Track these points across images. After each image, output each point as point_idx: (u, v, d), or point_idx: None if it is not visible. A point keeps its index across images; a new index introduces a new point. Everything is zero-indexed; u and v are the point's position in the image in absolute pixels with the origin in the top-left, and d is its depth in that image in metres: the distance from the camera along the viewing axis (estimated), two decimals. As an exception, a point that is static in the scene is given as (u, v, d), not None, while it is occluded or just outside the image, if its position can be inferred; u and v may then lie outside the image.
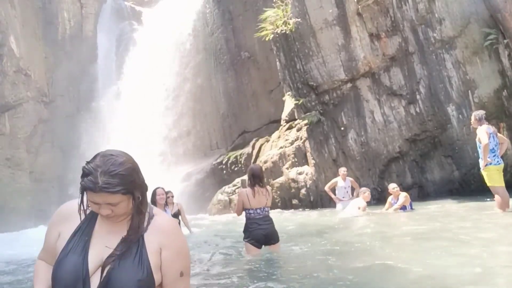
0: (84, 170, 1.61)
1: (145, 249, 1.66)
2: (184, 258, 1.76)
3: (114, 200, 1.60)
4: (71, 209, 1.77)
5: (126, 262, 1.62)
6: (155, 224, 1.73)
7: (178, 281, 1.72)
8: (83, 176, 1.61)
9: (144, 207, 1.72)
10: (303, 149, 12.80)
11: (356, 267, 4.61)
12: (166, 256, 1.69)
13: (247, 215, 5.59)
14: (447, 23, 10.66)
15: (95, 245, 1.67)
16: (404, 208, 9.10)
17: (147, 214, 1.74)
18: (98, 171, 1.58)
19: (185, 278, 1.75)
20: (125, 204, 1.64)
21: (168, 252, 1.69)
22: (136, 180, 1.66)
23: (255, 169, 5.86)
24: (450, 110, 10.79)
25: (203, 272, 5.19)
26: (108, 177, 1.57)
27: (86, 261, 1.63)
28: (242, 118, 18.01)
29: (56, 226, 1.78)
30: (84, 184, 1.60)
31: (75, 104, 22.56)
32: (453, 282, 3.74)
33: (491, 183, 7.27)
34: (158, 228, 1.73)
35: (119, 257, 1.62)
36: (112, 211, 1.62)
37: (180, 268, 1.72)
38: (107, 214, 1.62)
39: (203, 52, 19.48)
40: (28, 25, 20.44)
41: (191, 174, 17.43)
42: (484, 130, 7.27)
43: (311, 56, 12.27)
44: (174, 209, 8.56)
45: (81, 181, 1.60)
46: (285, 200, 12.54)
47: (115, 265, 1.61)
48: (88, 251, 1.65)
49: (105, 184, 1.56)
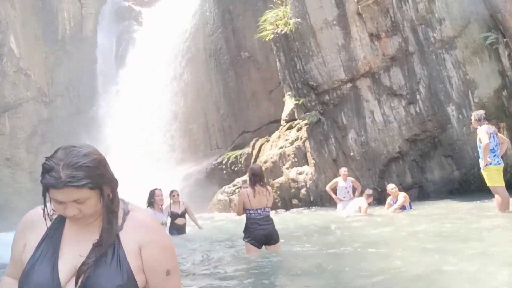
0: (44, 167, 1.43)
1: (122, 251, 1.48)
2: (169, 255, 1.56)
3: (81, 195, 1.41)
4: (37, 216, 1.58)
5: (102, 268, 1.45)
6: (132, 221, 1.54)
7: (165, 281, 1.53)
8: (43, 173, 1.43)
9: (116, 206, 1.53)
10: (303, 149, 12.79)
11: (356, 268, 4.61)
12: (147, 255, 1.51)
13: (247, 215, 5.59)
14: (447, 23, 10.66)
15: (65, 252, 1.49)
16: (404, 208, 9.11)
17: (122, 211, 1.56)
18: (60, 165, 1.40)
19: (173, 277, 1.56)
20: (93, 201, 1.45)
21: (149, 250, 1.51)
22: (104, 173, 1.48)
23: (255, 168, 5.88)
24: (450, 110, 10.79)
25: (203, 272, 5.19)
26: (71, 170, 1.39)
27: (56, 271, 1.45)
28: (242, 118, 18.01)
29: (21, 236, 1.58)
30: (46, 182, 1.42)
31: (75, 104, 22.56)
32: (453, 283, 3.74)
33: (491, 183, 7.26)
34: (135, 225, 1.54)
35: (94, 264, 1.44)
36: (79, 211, 1.44)
37: (165, 266, 1.53)
38: (74, 214, 1.43)
39: (203, 52, 19.48)
40: (28, 25, 20.44)
41: (191, 174, 17.42)
42: (484, 130, 7.26)
43: (311, 56, 12.27)
44: (181, 208, 8.78)
45: (42, 179, 1.43)
46: (285, 200, 12.53)
47: (90, 273, 1.43)
48: (58, 260, 1.47)
49: (69, 178, 1.38)
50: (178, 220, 8.73)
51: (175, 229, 8.70)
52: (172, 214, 8.71)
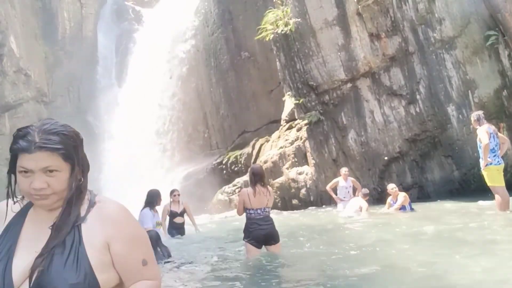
0: (17, 134, 1.36)
1: (82, 246, 1.35)
2: (141, 245, 1.46)
3: (53, 163, 1.32)
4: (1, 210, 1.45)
5: (56, 263, 1.31)
6: (97, 213, 1.43)
7: (142, 271, 1.43)
8: (15, 139, 1.34)
9: (83, 192, 1.43)
10: (303, 149, 12.79)
11: (356, 268, 4.61)
12: (118, 249, 1.39)
13: (247, 215, 5.58)
14: (447, 23, 10.65)
15: (22, 249, 1.36)
16: (404, 208, 9.11)
17: (87, 201, 1.44)
18: (36, 130, 1.35)
19: (150, 267, 1.46)
20: (63, 176, 1.35)
21: (120, 243, 1.40)
22: (79, 149, 1.41)
23: (256, 168, 5.89)
24: (450, 110, 10.78)
25: (203, 272, 5.19)
26: (47, 134, 1.34)
27: (9, 270, 1.32)
28: (242, 118, 18.01)
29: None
30: (17, 147, 1.32)
31: (75, 104, 22.57)
32: (452, 283, 3.74)
33: (491, 183, 7.27)
34: (102, 217, 1.42)
35: (49, 258, 1.31)
36: (47, 184, 1.32)
37: (139, 257, 1.43)
38: (41, 187, 1.31)
39: (203, 52, 19.48)
40: (28, 25, 20.44)
41: (191, 174, 17.42)
42: (484, 130, 7.27)
43: (311, 56, 12.27)
44: (181, 207, 8.91)
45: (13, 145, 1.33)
46: (285, 200, 12.54)
47: (44, 269, 1.30)
48: (13, 258, 1.34)
49: (44, 140, 1.32)
50: (177, 219, 8.86)
51: (174, 228, 8.80)
52: (172, 212, 8.84)
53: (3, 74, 18.31)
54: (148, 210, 7.44)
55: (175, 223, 8.85)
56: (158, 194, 7.68)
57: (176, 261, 6.22)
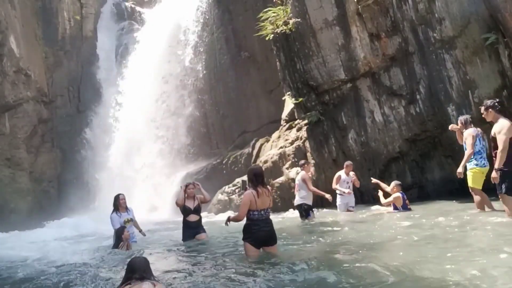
0: None
1: None
2: None
3: None
4: None
5: None
6: None
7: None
8: None
9: None
10: (303, 149, 12.80)
11: (356, 268, 4.61)
12: None
13: (250, 216, 5.51)
14: (447, 23, 10.64)
15: None
16: (397, 209, 9.18)
17: None
18: None
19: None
20: None
21: None
22: None
23: (257, 169, 5.86)
24: (450, 110, 10.77)
25: (202, 272, 5.19)
26: None
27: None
28: (242, 118, 18.01)
29: None
30: None
31: (75, 104, 22.58)
32: (451, 284, 3.74)
33: (472, 184, 7.47)
34: None
35: None
36: None
37: None
38: None
39: (203, 52, 19.49)
40: (28, 25, 20.43)
41: (191, 174, 17.43)
42: (470, 134, 7.45)
43: (311, 56, 12.27)
44: (195, 203, 8.14)
45: None
46: (285, 200, 12.53)
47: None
48: None
49: None
50: (190, 217, 7.97)
51: (188, 227, 7.94)
52: (185, 209, 7.97)
53: (3, 74, 18.30)
54: (114, 214, 8.29)
55: (189, 221, 7.95)
56: (117, 198, 8.49)
57: (175, 260, 6.21)
